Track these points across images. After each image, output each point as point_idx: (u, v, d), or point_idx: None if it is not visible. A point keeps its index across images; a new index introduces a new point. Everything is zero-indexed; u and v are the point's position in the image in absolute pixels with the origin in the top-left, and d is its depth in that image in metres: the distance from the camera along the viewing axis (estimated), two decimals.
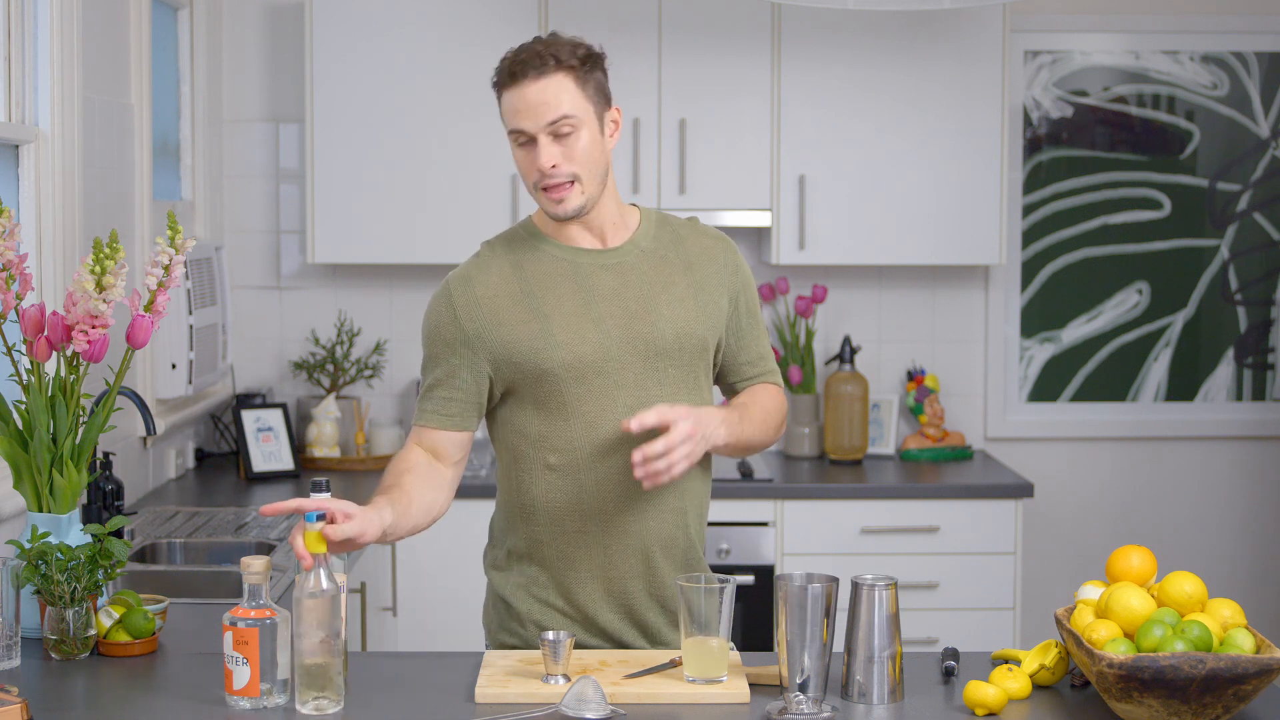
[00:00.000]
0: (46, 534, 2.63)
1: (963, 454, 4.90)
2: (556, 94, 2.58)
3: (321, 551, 2.33)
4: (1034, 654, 2.48)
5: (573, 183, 2.61)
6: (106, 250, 2.61)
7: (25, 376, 2.66)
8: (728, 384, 2.83)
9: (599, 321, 2.65)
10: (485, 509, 4.48)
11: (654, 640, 2.74)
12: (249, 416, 4.59)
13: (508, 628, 2.75)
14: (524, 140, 2.61)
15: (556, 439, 2.66)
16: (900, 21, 4.62)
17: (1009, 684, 2.38)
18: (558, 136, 2.59)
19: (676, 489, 2.70)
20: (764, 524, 4.48)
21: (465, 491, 4.49)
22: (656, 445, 2.50)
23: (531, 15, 4.58)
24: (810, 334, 4.91)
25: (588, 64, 2.62)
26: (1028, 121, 5.04)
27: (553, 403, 2.65)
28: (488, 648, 2.81)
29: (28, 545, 2.60)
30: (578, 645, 2.66)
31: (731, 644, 2.48)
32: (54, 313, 2.66)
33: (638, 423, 2.51)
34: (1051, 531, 5.10)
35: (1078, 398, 5.14)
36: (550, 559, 2.70)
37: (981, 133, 4.66)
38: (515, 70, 2.59)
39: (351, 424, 4.78)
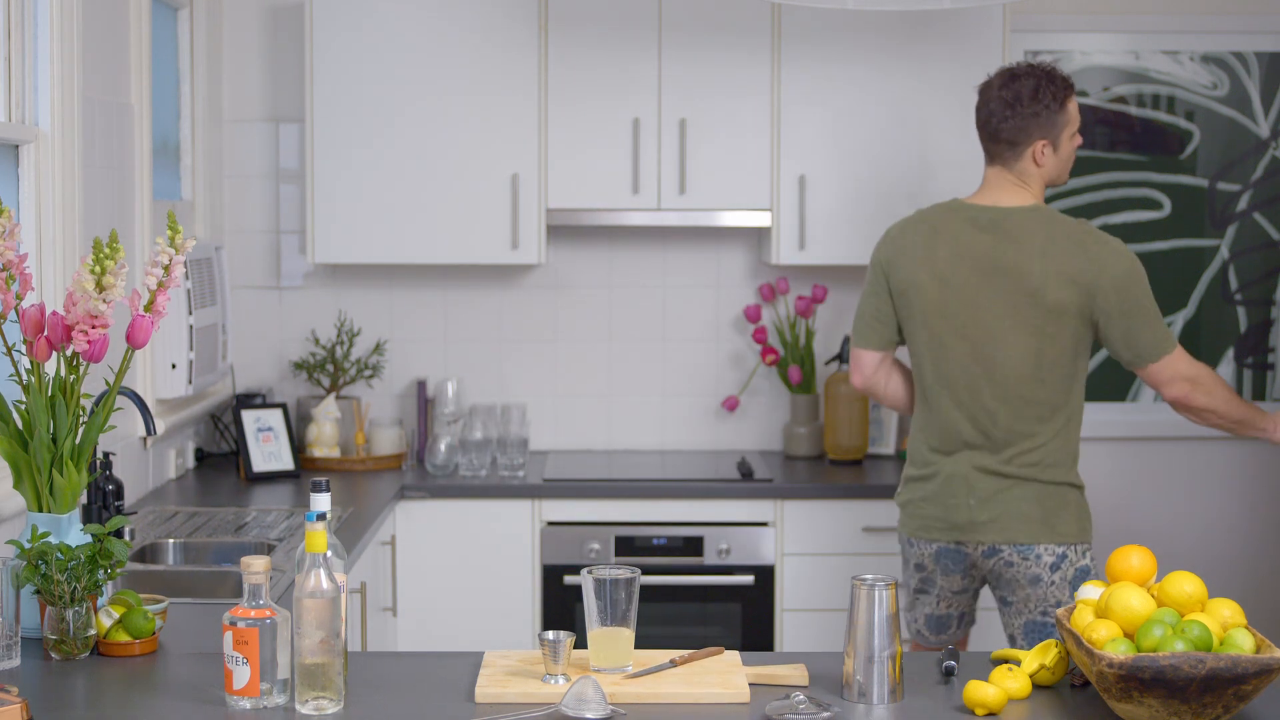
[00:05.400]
0: (46, 534, 2.63)
1: None
2: None
3: (322, 551, 2.33)
4: (1034, 654, 2.48)
5: None
6: (106, 250, 2.61)
7: (25, 376, 2.66)
8: None
9: None
10: (483, 509, 4.49)
11: None
12: (249, 416, 4.59)
13: None
14: (1076, 132, 3.67)
15: None
16: (900, 21, 4.62)
17: (1009, 684, 2.38)
18: None
19: None
20: (764, 524, 4.48)
21: (461, 492, 4.50)
22: None
23: (531, 15, 4.58)
24: (810, 334, 4.91)
25: None
26: None
27: None
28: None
29: (28, 545, 2.61)
30: None
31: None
32: (54, 313, 2.66)
33: None
34: None
35: None
36: None
37: None
38: (1071, 82, 3.65)
39: (351, 424, 4.78)
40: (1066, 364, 3.57)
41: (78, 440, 2.68)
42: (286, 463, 4.60)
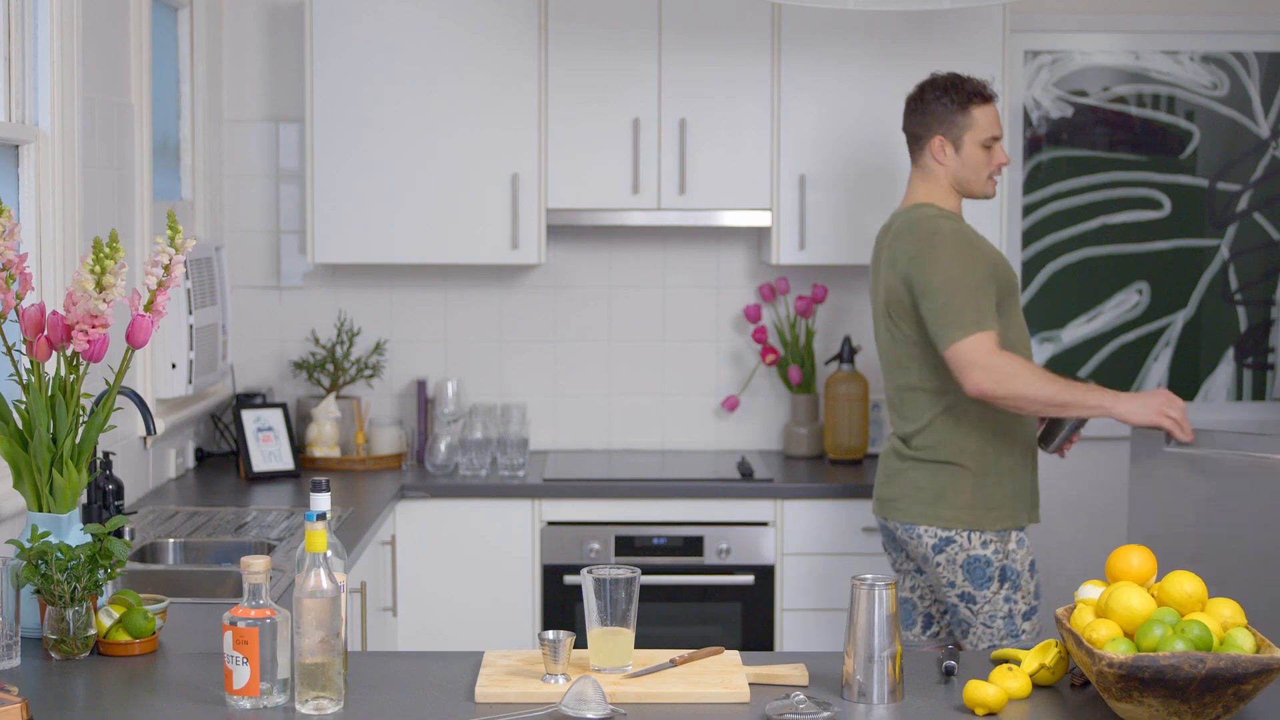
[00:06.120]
0: (46, 534, 2.63)
1: None
2: None
3: (322, 551, 2.33)
4: (1034, 654, 2.48)
5: None
6: (106, 250, 2.61)
7: (25, 376, 2.66)
8: None
9: None
10: (483, 509, 4.49)
11: None
12: (249, 416, 4.59)
13: None
14: (990, 144, 3.73)
15: None
16: (900, 21, 4.62)
17: (1009, 684, 2.38)
18: None
19: None
20: (764, 524, 4.48)
21: (461, 492, 4.50)
22: None
23: (532, 16, 4.58)
24: (810, 334, 4.91)
25: None
26: (1028, 121, 5.04)
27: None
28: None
29: (28, 545, 2.61)
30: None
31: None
32: (54, 313, 2.66)
33: None
34: (1052, 532, 5.10)
35: None
36: None
37: None
38: (988, 94, 3.74)
39: (351, 424, 4.78)
40: (926, 343, 3.71)
41: (78, 440, 2.68)
42: (286, 462, 4.60)
